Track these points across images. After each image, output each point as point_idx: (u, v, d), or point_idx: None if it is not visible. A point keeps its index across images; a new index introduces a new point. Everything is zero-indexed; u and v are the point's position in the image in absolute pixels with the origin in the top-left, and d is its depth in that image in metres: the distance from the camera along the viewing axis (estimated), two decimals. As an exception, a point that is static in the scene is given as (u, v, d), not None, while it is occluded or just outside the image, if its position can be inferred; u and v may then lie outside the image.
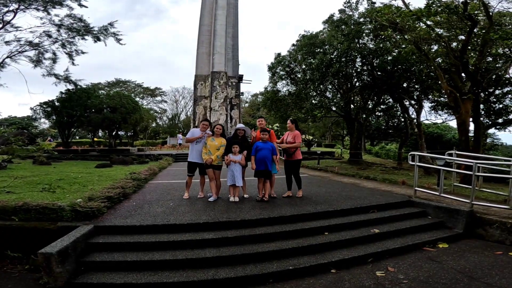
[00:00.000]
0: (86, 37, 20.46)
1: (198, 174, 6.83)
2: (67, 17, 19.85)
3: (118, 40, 21.11)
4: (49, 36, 19.78)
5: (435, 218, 5.93)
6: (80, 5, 19.70)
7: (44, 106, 21.61)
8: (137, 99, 44.43)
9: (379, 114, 21.20)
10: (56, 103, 21.22)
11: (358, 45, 15.31)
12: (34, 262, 3.85)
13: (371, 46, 15.75)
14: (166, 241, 4.24)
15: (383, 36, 13.99)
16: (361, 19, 15.32)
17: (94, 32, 20.39)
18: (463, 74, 10.98)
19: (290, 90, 18.68)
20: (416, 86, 16.60)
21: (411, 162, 6.79)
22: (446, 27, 10.39)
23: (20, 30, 19.26)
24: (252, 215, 5.19)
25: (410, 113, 18.63)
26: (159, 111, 56.20)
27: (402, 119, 20.47)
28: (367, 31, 15.44)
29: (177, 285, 3.51)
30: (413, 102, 17.65)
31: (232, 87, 37.06)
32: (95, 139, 31.01)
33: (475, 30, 9.68)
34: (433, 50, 12.99)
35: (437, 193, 6.41)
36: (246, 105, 62.26)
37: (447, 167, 7.29)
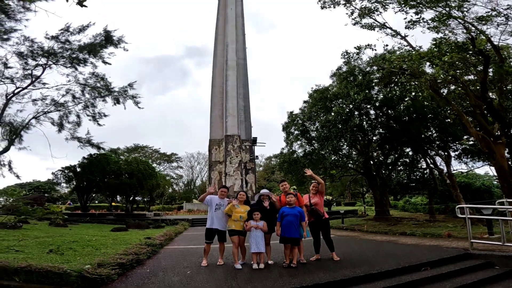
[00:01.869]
0: (107, 98, 21.26)
1: (216, 241, 6.29)
2: (90, 75, 20.87)
3: (137, 103, 21.78)
4: (73, 96, 20.75)
5: (504, 267, 5.47)
6: (104, 62, 20.68)
7: (66, 171, 22.35)
8: (154, 164, 45.45)
9: (400, 168, 20.22)
10: (77, 169, 21.89)
11: (370, 95, 15.24)
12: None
13: (381, 96, 15.66)
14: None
15: (392, 85, 13.94)
16: (368, 69, 15.34)
17: (114, 94, 21.17)
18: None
19: (306, 150, 18.40)
20: (436, 135, 15.97)
21: (460, 215, 6.49)
22: (458, 67, 10.33)
23: (47, 87, 20.30)
24: (281, 284, 4.47)
25: (438, 163, 17.74)
26: (175, 177, 56.94)
27: (426, 171, 19.38)
28: (376, 80, 15.42)
29: None
30: (440, 152, 16.87)
31: (246, 151, 37.21)
32: (113, 203, 31.26)
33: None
34: (447, 92, 12.78)
35: (499, 243, 6.03)
36: (261, 168, 62.39)
37: (494, 216, 6.64)
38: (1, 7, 16.72)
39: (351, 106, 14.48)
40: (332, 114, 15.03)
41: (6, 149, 19.70)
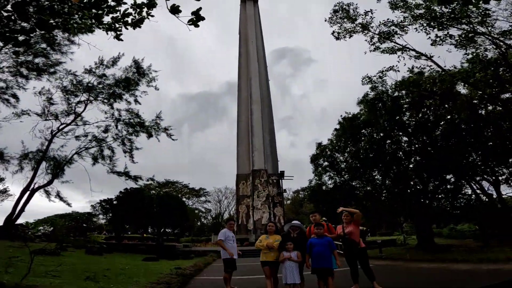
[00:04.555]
0: (141, 133, 22.25)
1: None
2: (126, 112, 22.18)
3: (170, 135, 22.60)
4: (106, 130, 21.95)
5: None
6: (136, 101, 22.17)
7: (104, 203, 23.45)
8: (184, 199, 46.44)
9: (441, 196, 18.73)
10: (114, 201, 23.01)
11: (401, 122, 14.63)
12: None
13: (413, 122, 14.97)
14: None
15: (425, 109, 13.41)
16: (396, 93, 14.76)
17: (148, 127, 22.14)
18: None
19: (336, 181, 17.77)
20: (479, 159, 14.75)
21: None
22: (493, 85, 9.81)
23: (88, 124, 21.69)
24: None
25: (486, 188, 16.24)
26: (204, 211, 57.54)
27: (472, 197, 17.74)
28: (406, 105, 14.77)
29: None
30: (486, 176, 15.47)
31: (273, 185, 36.98)
32: (144, 235, 32.10)
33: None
34: (485, 113, 12.07)
35: None
36: (289, 202, 61.61)
37: None
38: (47, 39, 17.95)
39: (381, 134, 13.99)
40: (362, 143, 14.52)
41: (49, 182, 20.96)
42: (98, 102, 21.89)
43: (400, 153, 15.49)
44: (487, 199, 16.12)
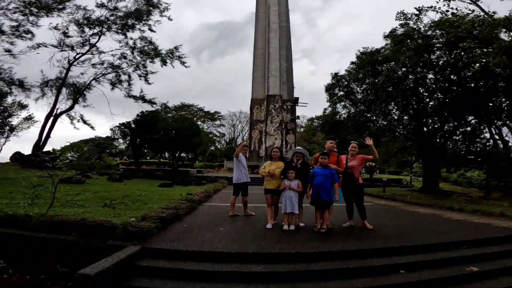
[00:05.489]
0: (155, 59, 23.46)
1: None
2: (140, 40, 23.11)
3: (183, 63, 23.87)
4: (125, 57, 23.18)
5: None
6: (150, 30, 22.94)
7: (122, 127, 24.57)
8: (198, 122, 47.14)
9: (458, 138, 18.07)
10: (132, 125, 23.94)
11: (429, 60, 13.52)
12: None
13: (443, 60, 13.82)
14: (210, 271, 3.79)
15: (459, 50, 12.20)
16: (429, 32, 13.55)
17: (162, 55, 23.15)
18: None
19: (350, 111, 17.25)
20: (506, 103, 13.86)
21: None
22: None
23: (103, 52, 22.99)
24: (309, 247, 4.48)
25: (504, 135, 15.50)
26: (218, 135, 58.62)
27: (489, 142, 17.08)
28: (438, 44, 13.55)
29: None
30: (509, 122, 14.61)
31: (287, 111, 36.97)
32: (161, 160, 33.42)
33: None
34: None
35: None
36: (302, 129, 61.45)
37: None
38: None
39: (404, 69, 13.06)
40: (381, 77, 13.65)
41: (71, 107, 22.71)
42: (111, 33, 22.59)
43: (423, 89, 14.66)
44: (503, 147, 15.59)
